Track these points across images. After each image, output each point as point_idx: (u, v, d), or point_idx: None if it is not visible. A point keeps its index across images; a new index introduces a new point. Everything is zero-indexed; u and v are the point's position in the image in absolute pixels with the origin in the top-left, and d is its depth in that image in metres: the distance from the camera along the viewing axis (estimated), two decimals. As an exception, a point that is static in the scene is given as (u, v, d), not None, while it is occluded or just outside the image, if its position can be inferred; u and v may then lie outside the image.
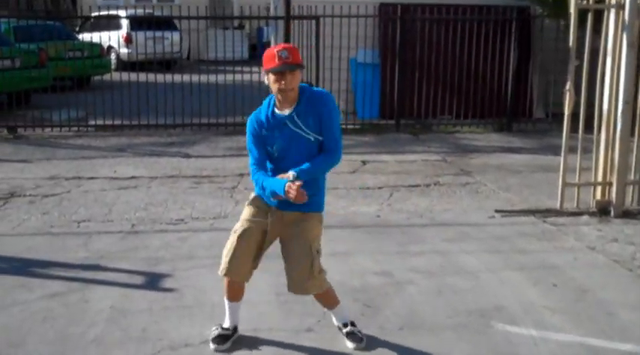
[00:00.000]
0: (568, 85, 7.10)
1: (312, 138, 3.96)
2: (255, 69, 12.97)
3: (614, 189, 7.20)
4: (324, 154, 4.00)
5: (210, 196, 7.94)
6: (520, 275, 5.41)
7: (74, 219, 6.99)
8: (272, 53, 3.84)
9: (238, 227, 4.08)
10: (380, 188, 8.41)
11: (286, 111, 3.94)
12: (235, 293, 4.26)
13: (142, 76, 11.99)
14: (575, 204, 7.38)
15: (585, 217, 7.11)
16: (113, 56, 19.25)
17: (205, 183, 8.59)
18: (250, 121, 4.05)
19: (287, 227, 4.08)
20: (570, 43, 7.16)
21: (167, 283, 5.22)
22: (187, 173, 9.12)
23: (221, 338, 4.26)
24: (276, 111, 3.97)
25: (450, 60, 12.43)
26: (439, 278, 5.33)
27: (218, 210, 7.36)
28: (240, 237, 4.03)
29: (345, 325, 4.32)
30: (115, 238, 6.34)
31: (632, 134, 7.28)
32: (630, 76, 7.04)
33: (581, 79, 7.24)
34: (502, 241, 6.27)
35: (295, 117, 3.92)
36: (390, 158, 10.17)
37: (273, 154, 4.02)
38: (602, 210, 7.22)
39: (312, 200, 3.94)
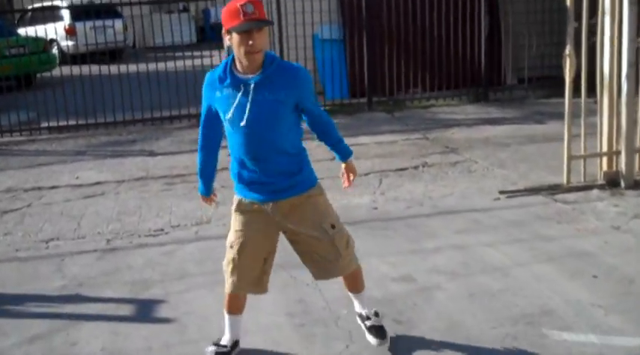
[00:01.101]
0: (568, 49, 6.57)
1: (287, 108, 3.43)
2: (205, 52, 12.27)
3: (622, 158, 6.72)
4: (323, 120, 3.69)
5: (186, 198, 7.27)
6: (553, 268, 4.89)
7: (41, 238, 6.27)
8: (234, 7, 3.22)
9: (234, 241, 3.62)
10: (366, 174, 7.82)
11: (249, 76, 3.35)
12: (236, 305, 3.82)
13: (89, 69, 11.13)
14: (582, 178, 6.88)
15: (595, 191, 6.63)
16: (55, 50, 18.25)
17: (178, 184, 7.91)
18: (205, 82, 3.52)
19: (286, 218, 3.56)
20: (568, 3, 6.60)
21: (162, 312, 4.57)
22: (156, 173, 8.42)
23: None
24: (236, 73, 3.37)
25: (418, 30, 11.83)
26: (467, 279, 4.78)
27: (198, 214, 6.70)
28: (240, 253, 3.59)
29: (369, 317, 3.91)
30: (91, 258, 5.65)
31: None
32: (633, 36, 6.53)
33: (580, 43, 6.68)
34: (519, 227, 5.75)
35: (260, 83, 3.33)
36: (369, 140, 9.58)
37: (227, 128, 3.47)
38: (611, 182, 6.75)
39: (298, 179, 3.53)
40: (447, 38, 11.87)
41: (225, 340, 3.86)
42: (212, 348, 3.84)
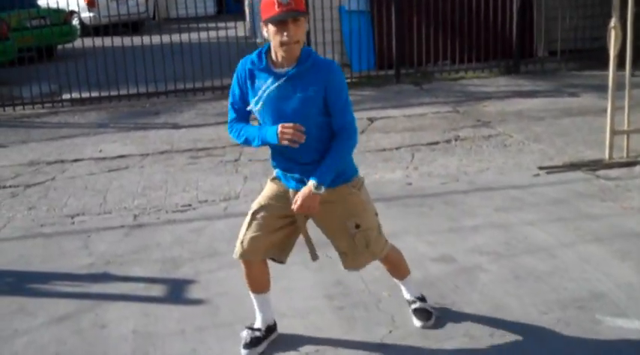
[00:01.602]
0: (613, 22, 6.26)
1: (317, 104, 3.26)
2: (226, 24, 12.04)
3: (667, 133, 6.44)
4: (340, 137, 3.32)
5: (212, 173, 7.09)
6: (601, 249, 4.66)
7: (66, 213, 6.11)
8: (270, 0, 3.12)
9: (255, 204, 3.54)
10: (397, 148, 7.60)
11: (283, 68, 3.24)
12: (256, 280, 3.62)
13: (110, 41, 10.91)
14: (624, 154, 6.62)
15: (638, 168, 6.36)
16: (75, 21, 18.04)
17: (203, 157, 7.73)
18: (238, 69, 3.39)
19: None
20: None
21: (194, 292, 4.39)
22: (181, 147, 8.23)
23: (252, 342, 3.63)
24: (270, 64, 3.28)
25: (448, 0, 11.50)
26: (511, 260, 4.56)
27: (226, 189, 6.52)
28: (254, 214, 3.49)
29: (415, 301, 3.82)
30: (119, 235, 5.48)
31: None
32: (682, 5, 6.22)
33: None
34: (562, 205, 5.51)
35: (292, 78, 3.23)
36: (398, 113, 9.33)
37: (259, 117, 3.36)
38: (655, 158, 6.47)
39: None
40: (478, 8, 11.55)
41: (258, 323, 3.70)
42: (245, 333, 3.68)
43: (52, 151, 8.26)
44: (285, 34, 3.12)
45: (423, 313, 3.78)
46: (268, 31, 3.18)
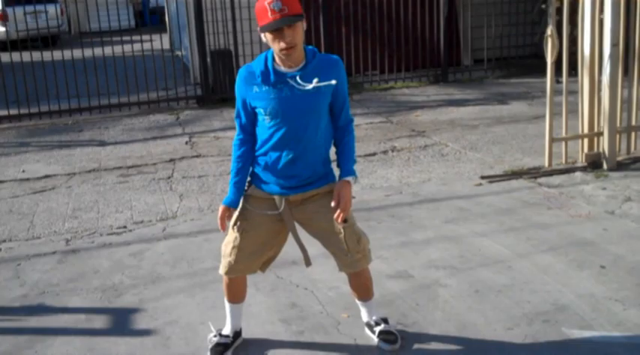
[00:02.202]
0: (550, 30, 6.26)
1: (326, 101, 3.28)
2: (145, 37, 11.72)
3: (605, 139, 6.48)
4: (348, 131, 3.42)
5: (145, 191, 6.80)
6: (557, 259, 4.60)
7: (-9, 239, 5.72)
8: (262, 6, 3.07)
9: (240, 222, 3.43)
10: (334, 161, 7.41)
11: (292, 70, 3.22)
12: (237, 292, 3.64)
13: (26, 57, 10.43)
14: (562, 160, 6.64)
15: (578, 174, 6.39)
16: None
17: (134, 175, 7.42)
18: (239, 75, 3.34)
19: (301, 207, 3.42)
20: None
21: (141, 322, 4.12)
22: (109, 164, 7.89)
23: (221, 349, 3.61)
24: (278, 67, 3.23)
25: (375, 11, 11.47)
26: (468, 274, 4.45)
27: (162, 208, 6.24)
28: (243, 234, 3.41)
29: (378, 323, 3.70)
30: (52, 262, 5.15)
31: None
32: (616, 14, 6.28)
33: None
34: (510, 215, 5.45)
35: (303, 77, 3.21)
36: (331, 124, 9.16)
37: (264, 124, 3.31)
38: (593, 164, 6.52)
39: (321, 173, 3.41)
40: (405, 18, 11.56)
41: (227, 330, 3.69)
42: (215, 338, 3.66)
43: (-30, 173, 7.80)
44: (282, 41, 3.08)
45: (390, 336, 3.65)
46: (266, 38, 3.15)
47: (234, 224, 3.42)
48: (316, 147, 3.32)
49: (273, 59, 3.23)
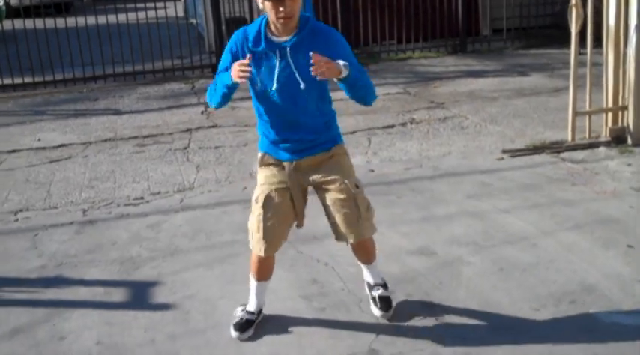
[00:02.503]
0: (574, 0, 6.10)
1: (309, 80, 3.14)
2: (159, 5, 11.58)
3: (629, 113, 6.35)
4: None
5: (162, 161, 6.74)
6: (581, 237, 4.51)
7: (8, 209, 5.69)
8: None
9: (259, 194, 3.41)
10: (353, 133, 7.36)
11: (283, 39, 3.19)
12: (267, 270, 3.60)
13: (39, 24, 10.30)
14: (586, 135, 6.51)
15: (602, 149, 6.27)
16: (1, 3, 17.18)
17: (151, 145, 7.35)
18: (235, 35, 3.31)
19: (310, 173, 3.41)
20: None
21: (160, 296, 4.07)
22: (125, 134, 7.83)
23: (245, 324, 3.59)
24: (270, 35, 3.21)
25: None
26: (492, 251, 4.36)
27: (179, 179, 6.18)
28: (265, 206, 3.37)
29: (378, 286, 3.73)
30: (69, 233, 5.10)
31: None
32: (643, -17, 6.10)
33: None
34: (533, 190, 5.35)
35: (294, 46, 3.17)
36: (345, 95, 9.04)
37: (257, 91, 3.31)
38: (617, 139, 6.39)
39: (323, 138, 3.38)
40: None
41: (252, 306, 3.65)
42: (240, 313, 3.65)
43: (-15, 141, 7.77)
44: (281, 9, 3.06)
45: (386, 301, 3.67)
46: (264, 5, 3.10)
47: (255, 200, 3.40)
48: (311, 115, 3.31)
49: (267, 25, 3.21)
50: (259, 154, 3.49)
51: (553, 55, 10.68)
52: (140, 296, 4.07)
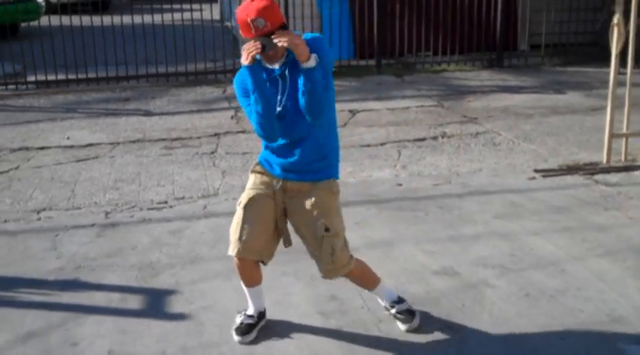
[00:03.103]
0: (617, 18, 5.95)
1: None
2: (196, 6, 11.55)
3: (668, 137, 6.17)
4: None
5: (188, 165, 6.68)
6: (612, 264, 4.36)
7: (31, 207, 5.66)
8: (244, 20, 3.06)
9: (243, 197, 3.43)
10: (382, 144, 7.26)
11: (276, 66, 3.23)
12: (250, 275, 3.55)
13: (76, 21, 10.33)
14: (622, 157, 6.34)
15: (638, 173, 6.09)
16: (41, -2, 17.33)
17: (178, 148, 7.30)
18: (236, 85, 3.37)
19: (292, 200, 3.41)
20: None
21: (176, 305, 3.99)
22: (153, 135, 7.79)
23: (246, 328, 3.59)
24: (265, 64, 3.24)
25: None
26: (519, 275, 4.23)
27: (204, 184, 6.12)
28: (247, 208, 3.38)
29: (393, 305, 3.67)
30: (90, 235, 5.05)
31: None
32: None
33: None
34: (565, 213, 5.20)
35: (286, 72, 3.22)
36: (381, 105, 8.98)
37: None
38: (654, 163, 6.21)
39: (317, 166, 3.35)
40: (462, -2, 11.21)
41: (251, 310, 3.66)
42: (239, 318, 3.64)
43: (15, 137, 7.78)
44: (264, 55, 3.13)
45: (406, 314, 3.64)
46: None
47: (239, 202, 3.42)
48: (313, 136, 3.29)
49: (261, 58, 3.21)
50: (255, 162, 3.51)
51: (591, 74, 10.47)
52: (156, 304, 3.99)
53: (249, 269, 3.50)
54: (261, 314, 3.66)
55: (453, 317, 3.77)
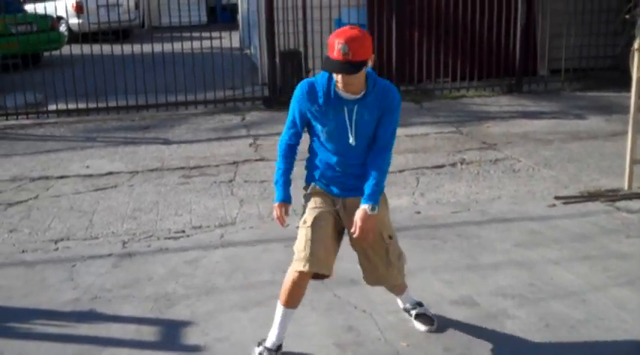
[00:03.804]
0: (637, 43, 5.90)
1: (376, 120, 3.42)
2: (215, 34, 11.60)
3: (690, 163, 6.08)
4: (382, 156, 3.46)
5: (206, 194, 6.67)
6: (636, 294, 4.29)
7: (49, 237, 5.67)
8: (332, 41, 3.19)
9: (307, 216, 3.50)
10: (401, 171, 7.22)
11: (352, 97, 3.32)
12: (300, 293, 3.55)
13: (98, 49, 10.42)
14: (644, 184, 6.26)
15: (660, 200, 6.00)
16: (63, 28, 17.56)
17: (196, 177, 7.31)
18: (301, 89, 3.43)
19: (351, 215, 3.47)
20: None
21: (191, 336, 3.96)
22: (172, 164, 7.80)
23: None
24: (339, 91, 3.33)
25: (450, 15, 11.15)
26: (538, 305, 4.17)
27: (221, 213, 6.10)
28: (314, 226, 3.45)
29: (414, 306, 3.92)
30: (107, 265, 5.04)
31: None
32: None
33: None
34: (585, 241, 5.13)
35: (361, 105, 3.33)
36: (399, 132, 8.60)
37: (320, 136, 3.50)
38: (676, 189, 6.12)
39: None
40: (480, 25, 11.19)
41: (271, 342, 3.59)
42: (259, 350, 3.61)
43: (36, 166, 7.82)
44: (338, 77, 3.24)
45: (426, 318, 3.88)
46: None
47: (303, 222, 3.48)
48: (361, 163, 3.45)
49: (336, 81, 3.31)
50: (310, 185, 3.59)
51: (612, 99, 10.40)
52: (171, 336, 3.97)
53: (304, 287, 3.51)
54: (279, 348, 3.61)
55: (472, 349, 3.71)
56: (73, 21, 17.23)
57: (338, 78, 3.26)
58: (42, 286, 4.71)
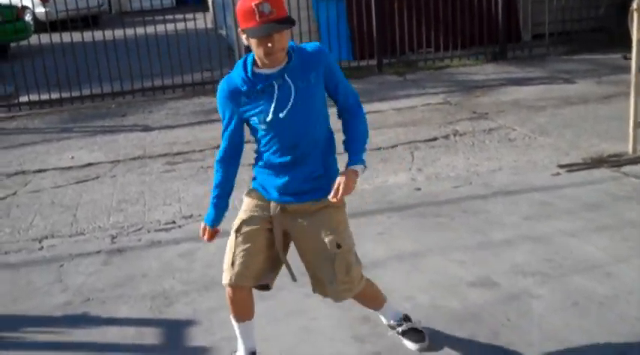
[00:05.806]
0: (636, 3, 5.65)
1: (320, 93, 3.00)
2: (188, 16, 11.25)
3: (695, 124, 5.87)
4: (354, 115, 3.08)
5: (193, 181, 6.38)
6: (661, 263, 4.05)
7: (32, 235, 5.36)
8: (249, 7, 2.76)
9: (236, 222, 3.14)
10: (394, 147, 6.96)
11: (275, 70, 2.91)
12: (243, 308, 3.20)
13: (66, 37, 10.01)
14: (646, 147, 6.05)
15: (668, 163, 5.79)
16: (28, 17, 17.05)
17: (181, 163, 7.01)
18: (220, 91, 3.03)
19: (294, 221, 3.09)
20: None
21: (195, 337, 3.69)
22: (154, 151, 7.49)
23: None
24: (260, 71, 2.93)
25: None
26: (562, 282, 3.93)
27: (212, 200, 5.78)
28: (238, 232, 3.11)
29: (400, 322, 3.43)
30: (96, 263, 4.75)
31: None
32: None
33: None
34: (598, 210, 4.90)
35: (289, 74, 2.91)
36: (386, 106, 8.69)
37: (260, 131, 3.00)
38: (682, 151, 5.91)
39: (320, 183, 3.03)
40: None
41: (242, 352, 3.30)
42: None
43: (11, 161, 7.48)
44: (269, 44, 2.79)
45: (414, 333, 3.42)
46: (249, 40, 2.84)
47: (237, 229, 3.13)
48: (316, 140, 3.02)
49: (254, 63, 2.94)
50: (251, 188, 3.24)
51: (599, 61, 10.18)
52: (174, 337, 3.70)
53: (243, 299, 3.18)
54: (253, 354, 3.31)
55: (500, 334, 3.47)
56: (39, 10, 16.70)
57: (262, 51, 2.82)
58: (29, 290, 4.41)
